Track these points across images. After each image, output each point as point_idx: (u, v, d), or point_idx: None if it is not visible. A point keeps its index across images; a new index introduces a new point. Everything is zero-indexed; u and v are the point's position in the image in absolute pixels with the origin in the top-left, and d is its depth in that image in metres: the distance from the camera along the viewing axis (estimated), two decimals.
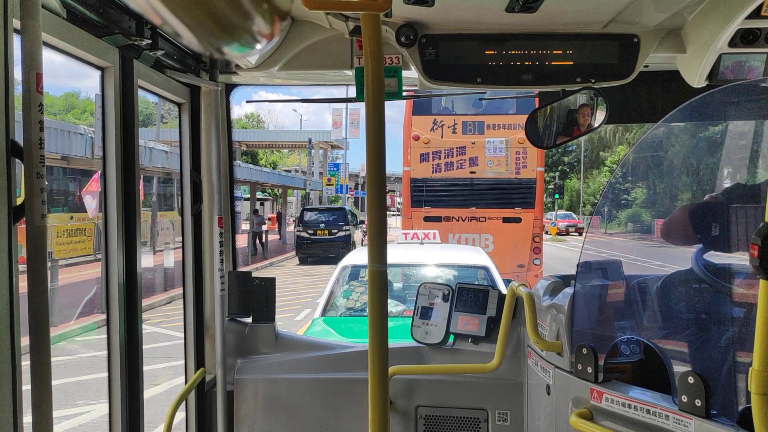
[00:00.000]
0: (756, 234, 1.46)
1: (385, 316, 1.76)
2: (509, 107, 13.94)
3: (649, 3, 2.38)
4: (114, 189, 2.28)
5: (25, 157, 1.49)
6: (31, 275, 1.51)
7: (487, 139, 13.94)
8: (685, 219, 2.25)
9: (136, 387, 2.39)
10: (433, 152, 14.16)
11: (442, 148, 14.16)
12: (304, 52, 2.81)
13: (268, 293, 3.23)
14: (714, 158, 2.50)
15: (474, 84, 2.68)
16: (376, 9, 1.63)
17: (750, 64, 2.52)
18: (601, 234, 3.03)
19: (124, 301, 2.32)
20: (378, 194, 1.72)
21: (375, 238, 1.72)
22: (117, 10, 2.05)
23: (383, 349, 1.75)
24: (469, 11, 2.43)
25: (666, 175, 2.59)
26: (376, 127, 1.68)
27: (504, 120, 13.93)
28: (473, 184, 14.14)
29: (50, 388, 1.54)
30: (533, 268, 13.84)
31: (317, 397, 3.13)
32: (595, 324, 2.36)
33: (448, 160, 14.20)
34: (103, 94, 2.27)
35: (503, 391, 2.99)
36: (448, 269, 7.59)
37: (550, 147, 3.16)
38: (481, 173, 14.06)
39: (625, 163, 3.78)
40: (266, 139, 45.44)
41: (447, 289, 3.14)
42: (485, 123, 13.98)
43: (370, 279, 1.74)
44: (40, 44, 1.49)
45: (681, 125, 2.50)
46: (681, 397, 1.85)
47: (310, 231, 27.53)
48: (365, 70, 1.67)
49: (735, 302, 2.02)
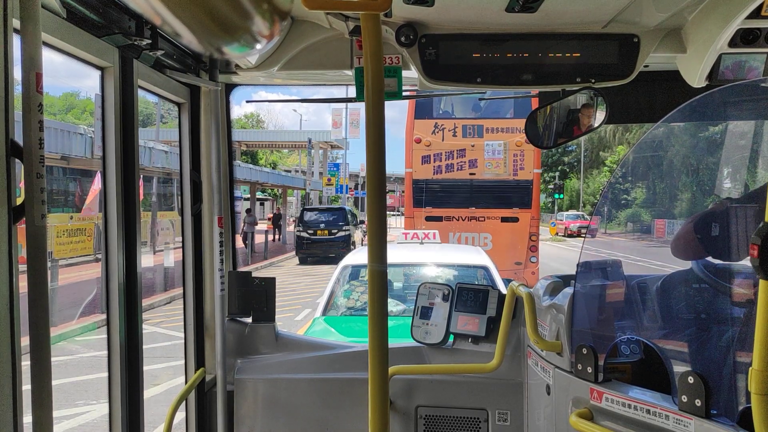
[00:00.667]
0: (756, 234, 1.46)
1: (385, 316, 1.76)
2: (507, 111, 14.67)
3: (649, 3, 2.37)
4: (114, 189, 2.28)
5: (25, 157, 1.49)
6: (31, 275, 1.51)
7: (486, 142, 14.58)
8: (690, 233, 2.25)
9: (136, 387, 2.39)
10: (434, 154, 14.83)
11: (443, 151, 14.81)
12: (304, 52, 2.81)
13: (268, 293, 3.23)
14: (714, 158, 2.50)
15: (474, 84, 2.68)
16: (376, 9, 1.63)
17: (750, 64, 2.52)
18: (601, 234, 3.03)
19: (124, 301, 2.32)
20: (378, 194, 1.72)
21: (375, 237, 1.72)
22: (117, 9, 2.05)
23: (383, 349, 1.75)
24: (469, 11, 2.43)
25: (666, 175, 2.59)
26: (376, 127, 1.68)
27: (502, 123, 14.61)
28: (473, 185, 14.75)
29: (50, 388, 1.54)
30: (530, 266, 14.32)
31: (317, 397, 3.13)
32: (595, 324, 2.36)
33: (449, 162, 14.85)
34: (103, 94, 2.27)
35: (503, 391, 2.99)
36: (448, 269, 7.63)
37: (549, 147, 3.16)
38: (480, 175, 14.66)
39: (624, 163, 3.78)
40: (266, 139, 45.44)
41: (447, 289, 3.14)
42: (484, 126, 14.65)
43: (370, 278, 1.74)
44: (39, 44, 1.49)
45: (681, 125, 2.50)
46: (681, 397, 1.85)
47: (310, 231, 27.38)
48: (365, 70, 1.67)
49: (735, 302, 2.02)
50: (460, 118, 14.96)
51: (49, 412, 1.52)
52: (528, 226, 14.48)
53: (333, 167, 45.26)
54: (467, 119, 14.87)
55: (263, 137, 46.12)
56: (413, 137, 14.84)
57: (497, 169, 14.63)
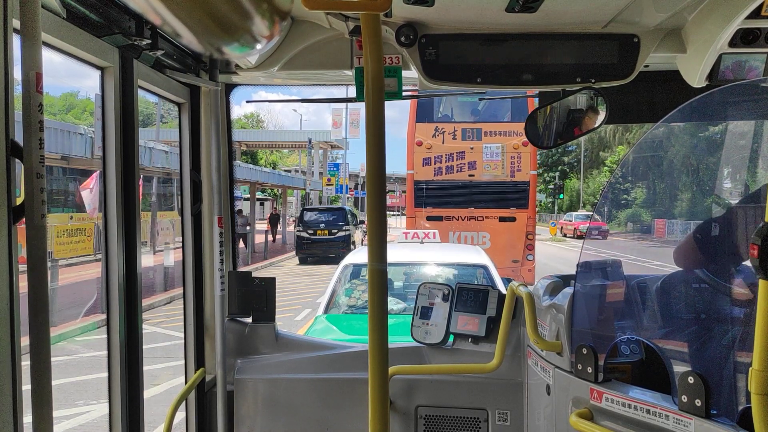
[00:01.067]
0: (756, 234, 1.46)
1: (386, 316, 1.76)
2: (505, 114, 15.72)
3: (649, 3, 2.37)
4: (114, 189, 2.28)
5: (25, 157, 1.49)
6: (31, 275, 1.51)
7: (484, 145, 15.51)
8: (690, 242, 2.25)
9: (136, 387, 2.39)
10: (434, 157, 15.75)
11: (443, 153, 15.75)
12: (304, 52, 2.81)
13: (268, 293, 3.23)
14: (714, 158, 2.50)
15: (474, 84, 2.68)
16: (376, 9, 1.63)
17: (750, 64, 2.52)
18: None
19: (124, 301, 2.32)
20: (378, 194, 1.72)
21: (375, 237, 1.72)
22: (117, 9, 2.05)
23: (383, 349, 1.75)
24: (469, 11, 2.43)
25: (666, 175, 2.59)
26: (376, 127, 1.68)
27: (500, 127, 15.61)
28: (472, 186, 15.66)
29: (50, 388, 1.54)
30: (527, 263, 15.17)
31: (317, 397, 3.13)
32: (595, 324, 2.36)
33: (449, 164, 15.79)
34: (103, 94, 2.27)
35: (503, 391, 2.99)
36: (448, 268, 7.72)
37: (550, 147, 3.16)
38: (478, 176, 15.58)
39: (624, 163, 3.78)
40: (266, 139, 45.34)
41: (447, 289, 3.14)
42: (483, 130, 15.62)
43: (371, 278, 1.74)
44: (39, 44, 1.49)
45: (681, 125, 2.50)
46: (681, 397, 1.85)
47: (310, 231, 27.22)
48: (365, 70, 1.67)
49: (735, 302, 2.02)
50: (460, 121, 15.90)
51: (49, 412, 1.52)
52: (525, 225, 15.29)
53: (333, 167, 45.03)
54: (466, 123, 15.83)
55: (263, 137, 46.03)
56: (414, 140, 15.70)
57: (495, 170, 15.50)
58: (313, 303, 14.91)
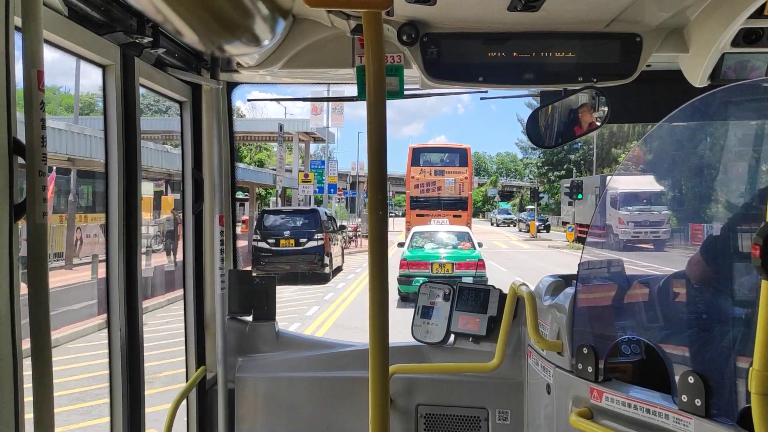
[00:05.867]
0: (757, 234, 1.46)
1: (386, 315, 1.75)
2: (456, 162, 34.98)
3: (651, 2, 2.37)
4: (116, 188, 2.28)
5: (27, 154, 1.48)
6: (31, 274, 1.51)
7: (446, 178, 34.17)
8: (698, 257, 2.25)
9: (136, 387, 2.39)
10: (420, 183, 34.40)
11: (425, 182, 34.40)
12: (306, 51, 2.81)
13: (268, 292, 3.23)
14: (714, 158, 2.49)
15: (475, 83, 2.68)
16: (378, 7, 1.62)
17: (752, 64, 2.52)
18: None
19: (125, 301, 2.32)
20: (379, 194, 1.69)
21: (375, 237, 1.71)
22: (118, 7, 2.05)
23: (384, 348, 1.75)
24: (471, 10, 2.43)
25: (667, 174, 2.58)
26: (377, 126, 1.66)
27: (454, 169, 34.47)
28: (440, 198, 33.99)
29: (51, 388, 1.54)
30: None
31: (318, 396, 3.13)
32: (596, 324, 2.36)
33: (428, 187, 34.45)
34: (105, 92, 2.26)
35: (504, 390, 2.99)
36: (450, 232, 18.81)
37: (551, 146, 3.15)
38: (443, 194, 34.07)
39: (627, 161, 3.77)
40: (235, 130, 42.45)
41: (448, 289, 3.14)
42: (444, 170, 34.45)
43: (371, 278, 1.73)
44: (41, 42, 1.48)
45: (682, 125, 2.49)
46: (681, 397, 1.85)
47: (270, 240, 20.58)
48: (366, 68, 1.66)
49: (736, 303, 2.02)
50: (434, 165, 34.91)
51: (50, 412, 1.52)
52: (466, 218, 32.97)
53: (319, 164, 39.92)
54: (437, 166, 34.80)
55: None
56: (410, 175, 34.43)
57: (451, 191, 34.15)
58: None
